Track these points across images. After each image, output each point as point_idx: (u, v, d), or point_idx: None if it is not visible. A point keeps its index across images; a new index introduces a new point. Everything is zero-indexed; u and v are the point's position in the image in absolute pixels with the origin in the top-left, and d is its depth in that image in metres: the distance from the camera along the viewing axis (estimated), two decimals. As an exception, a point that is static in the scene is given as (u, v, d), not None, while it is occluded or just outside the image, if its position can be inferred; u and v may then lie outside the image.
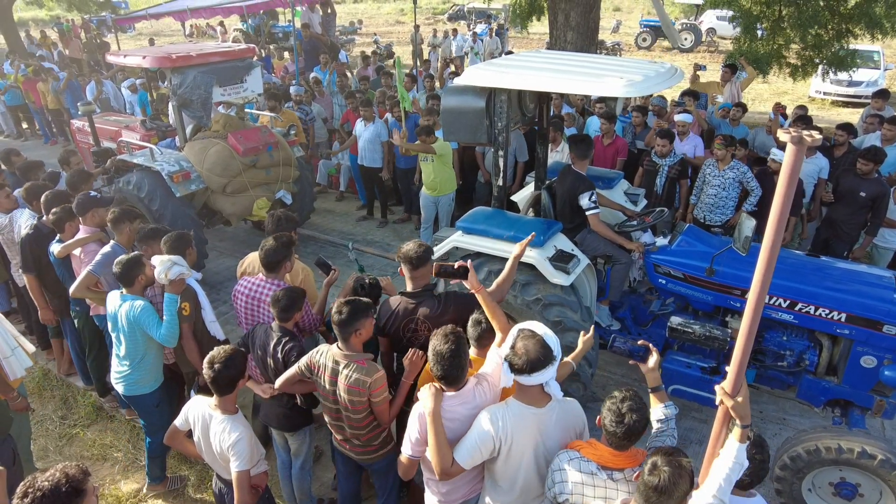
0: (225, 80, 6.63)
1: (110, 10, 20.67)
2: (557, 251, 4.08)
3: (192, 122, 7.04)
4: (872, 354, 3.77)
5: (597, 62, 4.18)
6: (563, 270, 3.95)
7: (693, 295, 4.33)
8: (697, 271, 4.22)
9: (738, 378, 1.92)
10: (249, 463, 2.87)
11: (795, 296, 3.92)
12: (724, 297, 4.20)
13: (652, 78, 3.66)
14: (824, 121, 12.51)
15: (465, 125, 4.09)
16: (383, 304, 3.48)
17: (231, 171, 6.54)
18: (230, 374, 2.87)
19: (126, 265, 3.71)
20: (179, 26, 29.47)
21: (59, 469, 2.08)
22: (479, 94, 3.99)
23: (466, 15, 30.42)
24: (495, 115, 4.02)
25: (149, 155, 6.44)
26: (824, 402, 4.08)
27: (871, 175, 5.65)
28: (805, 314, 3.92)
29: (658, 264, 4.40)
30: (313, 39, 14.38)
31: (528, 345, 2.39)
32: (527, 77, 3.78)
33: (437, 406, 2.55)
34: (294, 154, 7.26)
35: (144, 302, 3.75)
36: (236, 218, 6.89)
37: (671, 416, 2.59)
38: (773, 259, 1.53)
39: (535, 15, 11.79)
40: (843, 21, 9.36)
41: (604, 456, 2.35)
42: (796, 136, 1.37)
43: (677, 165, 6.18)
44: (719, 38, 24.33)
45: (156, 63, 6.41)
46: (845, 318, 3.79)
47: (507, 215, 4.36)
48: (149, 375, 3.94)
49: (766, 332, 4.19)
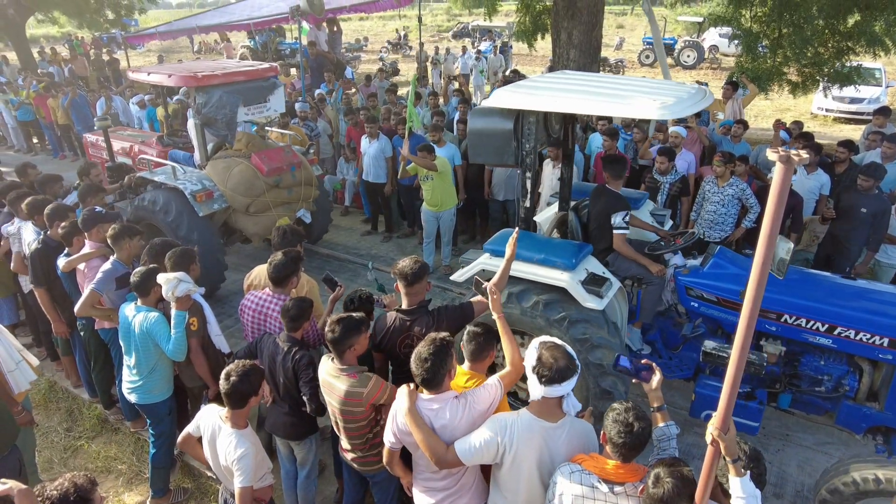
0: (250, 100, 6.59)
1: (120, 28, 21.03)
2: (589, 274, 3.98)
3: (213, 140, 7.04)
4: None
5: (625, 84, 4.13)
6: (597, 294, 3.85)
7: (727, 319, 4.25)
8: (731, 294, 4.14)
9: (727, 415, 1.92)
10: (253, 480, 2.88)
11: (834, 320, 3.83)
12: (759, 321, 4.08)
13: (685, 100, 3.61)
14: (826, 137, 12.56)
15: (493, 147, 4.04)
16: (378, 319, 3.51)
17: (254, 192, 6.52)
18: (244, 388, 2.89)
19: (143, 276, 3.78)
20: (188, 43, 29.95)
21: (67, 478, 2.11)
22: (506, 116, 3.93)
23: (471, 32, 30.79)
24: (523, 136, 3.96)
25: (170, 173, 6.39)
26: (865, 428, 3.98)
27: (872, 191, 5.68)
28: (845, 339, 3.83)
29: (690, 287, 4.33)
30: (320, 57, 14.58)
31: (556, 354, 2.48)
32: (557, 99, 3.73)
33: (412, 403, 2.65)
34: (314, 173, 7.26)
35: (158, 314, 3.81)
36: (258, 237, 6.83)
37: (673, 436, 2.60)
38: (764, 277, 1.57)
39: (539, 33, 11.96)
40: (843, 39, 9.45)
41: (606, 469, 2.36)
42: (784, 155, 1.41)
43: (678, 183, 6.24)
44: (721, 55, 24.52)
45: (181, 82, 6.39)
46: (888, 343, 3.71)
47: (535, 238, 4.28)
48: (160, 384, 4.00)
49: (802, 357, 4.11)
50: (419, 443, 2.61)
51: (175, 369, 4.12)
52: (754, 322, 1.69)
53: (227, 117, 6.41)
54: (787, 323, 3.99)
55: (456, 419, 2.65)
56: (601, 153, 7.17)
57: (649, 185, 6.42)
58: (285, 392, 3.45)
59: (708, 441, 2.04)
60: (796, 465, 4.47)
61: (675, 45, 24.93)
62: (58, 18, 22.93)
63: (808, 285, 4.15)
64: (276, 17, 14.96)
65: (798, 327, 3.97)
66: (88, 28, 21.55)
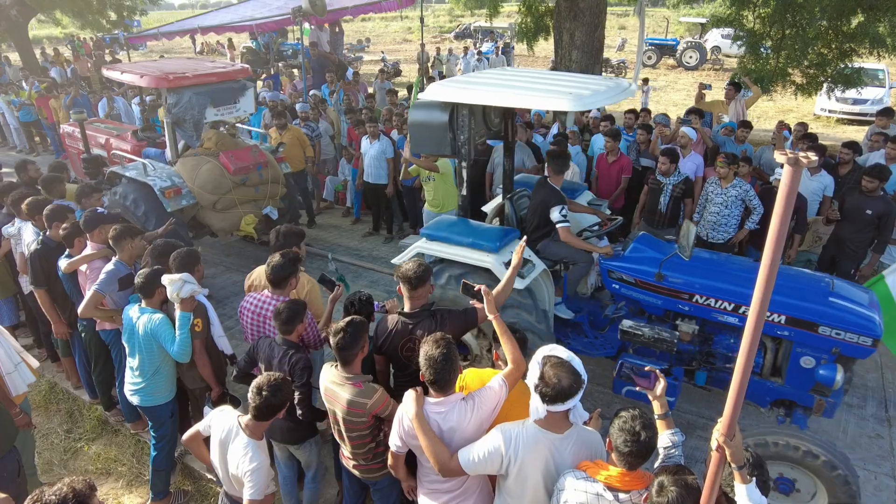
0: (219, 101, 6.76)
1: (123, 29, 21.06)
2: None
3: (182, 140, 7.19)
4: (810, 355, 3.92)
5: (554, 79, 4.39)
6: (519, 275, 4.07)
7: (644, 299, 4.48)
8: (648, 276, 4.38)
9: (733, 421, 1.88)
10: (263, 493, 2.84)
11: (739, 299, 4.07)
12: (673, 301, 4.33)
13: (601, 92, 3.92)
14: (829, 138, 12.53)
15: (431, 138, 4.39)
16: (380, 322, 3.49)
17: (221, 189, 6.69)
18: (276, 402, 2.83)
19: (147, 277, 3.76)
20: (190, 43, 29.98)
21: (66, 483, 2.09)
22: (443, 108, 4.25)
23: (472, 33, 30.78)
24: (458, 128, 4.27)
25: (141, 169, 6.61)
26: (770, 402, 4.21)
27: (877, 193, 5.64)
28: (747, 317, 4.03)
29: (612, 270, 4.58)
30: (321, 57, 14.58)
31: (559, 373, 2.36)
32: (483, 93, 4.03)
33: (419, 408, 2.61)
34: (282, 171, 7.45)
35: (162, 315, 3.80)
36: (224, 233, 7.09)
37: (678, 443, 2.57)
38: (772, 280, 1.54)
39: (542, 34, 11.94)
40: (846, 40, 9.41)
41: (611, 476, 2.32)
42: (792, 157, 1.39)
43: (681, 184, 6.19)
44: (724, 56, 24.47)
45: (152, 83, 6.53)
46: (785, 321, 3.93)
47: (469, 223, 4.56)
48: (164, 387, 3.98)
49: (715, 336, 4.36)
50: (424, 449, 2.59)
51: (177, 371, 4.11)
52: (761, 325, 1.67)
53: (194, 118, 6.57)
54: (698, 303, 4.22)
55: (464, 421, 2.64)
56: (603, 154, 7.14)
57: (652, 187, 6.37)
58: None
59: (713, 447, 2.01)
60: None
61: (677, 47, 24.88)
62: (60, 19, 22.96)
63: (715, 267, 4.41)
64: (278, 18, 14.95)
65: (708, 307, 4.20)
66: (90, 29, 21.57)
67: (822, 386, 3.89)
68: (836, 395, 3.98)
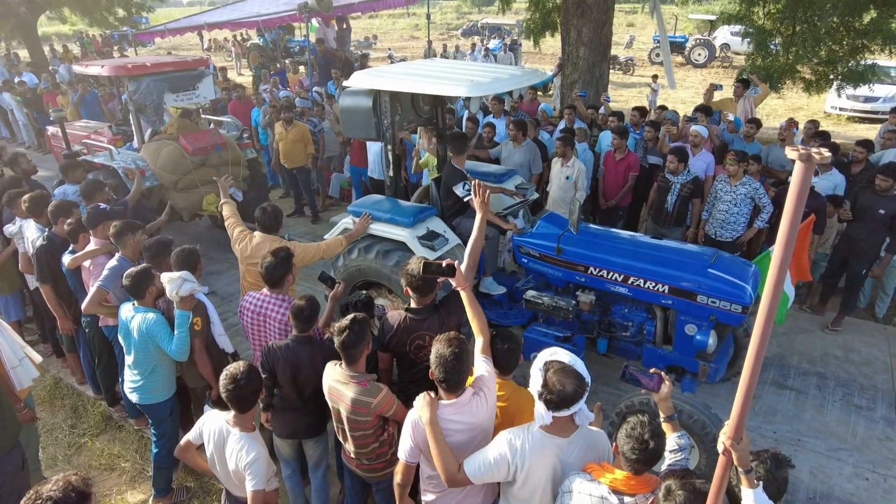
0: (177, 87, 7.35)
1: (131, 26, 21.11)
2: (429, 231, 4.62)
3: (149, 127, 7.67)
4: (693, 322, 4.23)
5: (467, 69, 4.70)
6: (430, 248, 4.45)
7: (548, 272, 4.83)
8: (549, 251, 4.74)
9: (741, 424, 1.84)
10: (265, 483, 2.82)
11: (627, 271, 4.41)
12: (571, 273, 4.69)
13: (502, 80, 4.23)
14: (840, 136, 12.38)
15: (358, 123, 4.72)
16: (384, 319, 3.47)
17: (181, 170, 7.07)
18: (255, 385, 2.84)
19: (135, 278, 3.72)
20: (198, 41, 30.09)
21: (61, 478, 2.09)
22: (367, 95, 4.59)
23: (480, 30, 30.70)
24: (382, 113, 4.61)
25: (108, 155, 7.21)
26: (663, 368, 4.37)
27: (891, 192, 5.55)
28: (636, 287, 4.40)
29: (521, 245, 4.93)
30: (328, 54, 14.56)
31: (563, 379, 2.32)
32: (395, 80, 4.37)
33: (433, 414, 2.55)
34: (244, 156, 7.80)
35: (157, 314, 3.77)
36: (187, 212, 7.37)
37: (685, 447, 2.53)
38: (782, 279, 1.49)
39: (549, 30, 11.85)
40: (858, 37, 9.28)
41: (617, 480, 2.28)
42: (804, 153, 1.34)
43: (689, 184, 6.11)
44: (733, 53, 24.26)
45: (113, 72, 7.12)
46: (668, 290, 4.27)
47: (392, 201, 4.87)
48: (162, 385, 3.96)
49: (612, 306, 4.70)
50: (434, 458, 2.54)
51: (177, 370, 4.09)
52: (770, 326, 1.61)
53: (154, 103, 7.15)
54: (593, 275, 4.57)
55: (481, 414, 2.64)
56: (610, 151, 7.08)
57: (661, 185, 6.30)
58: (310, 394, 3.38)
59: (720, 451, 1.96)
60: (808, 472, 4.38)
61: (686, 44, 24.67)
62: (69, 17, 23.04)
63: (608, 242, 4.73)
64: (284, 15, 14.95)
65: (601, 278, 4.53)
66: (98, 26, 21.64)
67: (703, 352, 4.21)
68: (717, 361, 4.31)
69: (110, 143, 7.97)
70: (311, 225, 9.07)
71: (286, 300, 3.71)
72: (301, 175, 8.84)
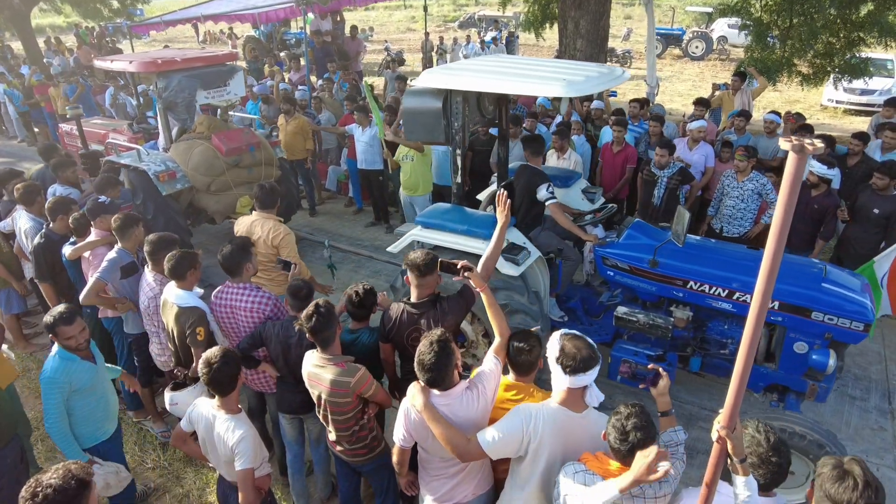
0: (208, 84, 6.91)
1: (126, 17, 20.91)
2: (509, 244, 4.24)
3: (177, 125, 7.30)
4: (803, 340, 3.95)
5: (547, 66, 4.37)
6: (513, 262, 4.12)
7: (639, 286, 4.51)
8: (642, 263, 4.40)
9: (734, 413, 1.86)
10: (254, 461, 2.88)
11: (732, 286, 4.11)
12: (667, 288, 4.37)
13: (594, 78, 3.91)
14: (836, 129, 12.40)
15: (424, 125, 4.33)
16: (385, 312, 3.51)
17: (214, 171, 6.73)
18: (231, 370, 2.89)
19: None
20: (193, 33, 29.85)
21: (61, 466, 2.12)
22: (436, 95, 4.20)
23: (477, 22, 30.55)
24: (452, 115, 4.25)
25: (136, 156, 6.69)
26: (763, 387, 4.25)
27: (889, 191, 5.41)
28: (742, 303, 4.10)
29: (606, 257, 4.60)
30: (326, 46, 14.49)
31: (577, 343, 2.47)
32: (477, 79, 4.00)
33: (426, 399, 2.61)
34: (276, 154, 7.47)
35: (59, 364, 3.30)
36: (220, 216, 7.11)
37: (681, 441, 2.56)
38: (775, 271, 1.51)
39: (548, 22, 11.83)
40: (854, 29, 9.28)
41: (609, 470, 2.31)
42: (797, 144, 1.35)
43: (677, 176, 6.11)
44: (731, 46, 24.19)
45: (142, 68, 6.63)
46: (778, 306, 3.96)
47: (463, 211, 4.55)
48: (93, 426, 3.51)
49: (709, 322, 4.40)
50: (439, 437, 2.56)
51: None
52: (763, 316, 1.63)
53: (186, 101, 6.70)
54: (693, 289, 4.26)
55: (472, 409, 2.66)
56: (608, 144, 7.08)
57: (646, 179, 6.30)
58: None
59: (713, 439, 1.99)
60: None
61: (683, 36, 24.61)
62: (62, 8, 22.83)
63: (708, 254, 4.45)
64: (280, 8, 14.84)
65: (702, 293, 4.24)
66: (91, 18, 21.43)
67: (814, 371, 3.93)
68: (828, 381, 4.02)
69: (131, 141, 7.64)
70: (310, 218, 9.06)
71: (251, 289, 3.73)
72: (300, 168, 8.82)
